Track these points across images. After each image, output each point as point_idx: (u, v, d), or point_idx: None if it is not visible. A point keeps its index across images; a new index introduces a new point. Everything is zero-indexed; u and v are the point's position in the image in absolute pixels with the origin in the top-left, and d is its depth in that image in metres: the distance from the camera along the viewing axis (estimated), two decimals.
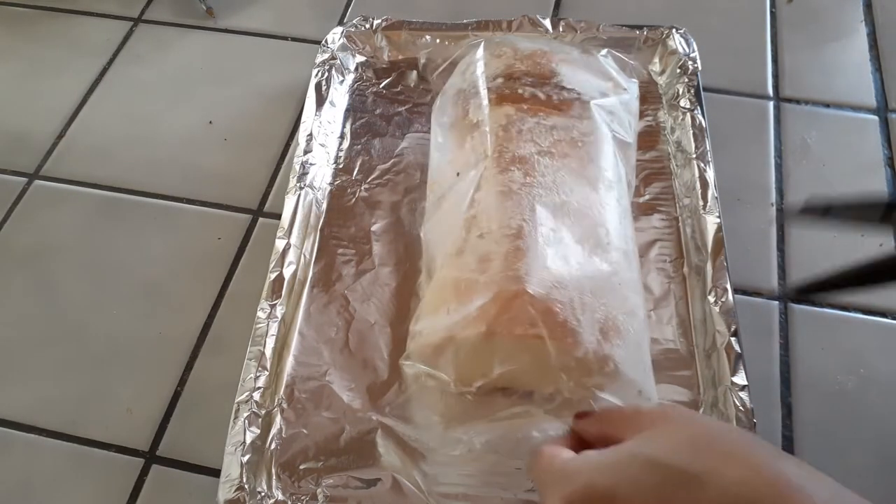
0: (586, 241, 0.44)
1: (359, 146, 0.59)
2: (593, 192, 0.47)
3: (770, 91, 0.63)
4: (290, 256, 0.52)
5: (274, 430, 0.46)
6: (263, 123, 0.63)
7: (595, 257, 0.44)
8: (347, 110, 0.61)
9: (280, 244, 0.52)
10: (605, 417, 0.37)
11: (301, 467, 0.45)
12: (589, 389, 0.40)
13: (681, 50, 0.61)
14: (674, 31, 0.62)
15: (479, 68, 0.53)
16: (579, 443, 0.37)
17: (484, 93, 0.51)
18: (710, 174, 0.54)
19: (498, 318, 0.41)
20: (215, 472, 0.44)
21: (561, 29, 0.62)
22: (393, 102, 0.62)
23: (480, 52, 0.54)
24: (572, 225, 0.45)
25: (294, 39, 0.69)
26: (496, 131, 0.49)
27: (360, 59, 0.64)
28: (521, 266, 0.42)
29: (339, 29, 0.64)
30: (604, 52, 0.57)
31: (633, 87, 0.55)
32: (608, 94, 0.53)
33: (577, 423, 0.38)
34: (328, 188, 0.57)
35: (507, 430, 0.41)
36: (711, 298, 0.48)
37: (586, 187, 0.47)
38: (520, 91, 0.51)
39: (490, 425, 0.42)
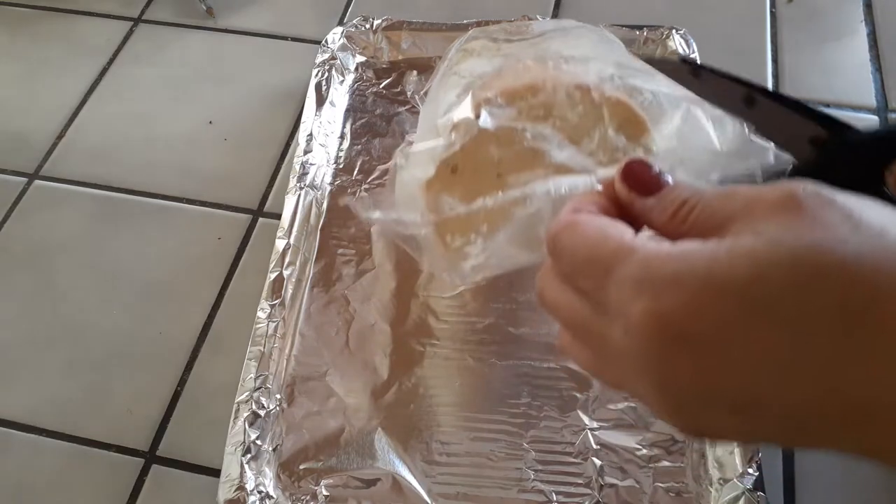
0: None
1: (359, 146, 0.59)
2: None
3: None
4: (290, 256, 0.52)
5: (274, 430, 0.46)
6: (263, 123, 0.63)
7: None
8: (347, 110, 0.61)
9: (280, 244, 0.52)
10: (686, 212, 0.23)
11: (301, 467, 0.45)
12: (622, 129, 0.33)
13: (681, 50, 0.61)
14: (674, 31, 0.62)
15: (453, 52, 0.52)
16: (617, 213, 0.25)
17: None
18: None
19: (484, 91, 0.39)
20: (215, 472, 0.44)
21: None
22: (393, 102, 0.62)
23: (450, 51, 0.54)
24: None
25: (294, 39, 0.69)
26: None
27: (360, 59, 0.64)
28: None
29: (339, 29, 0.64)
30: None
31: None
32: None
33: (639, 197, 0.24)
34: (328, 188, 0.57)
35: (518, 204, 0.30)
36: None
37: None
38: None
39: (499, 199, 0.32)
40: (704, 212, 0.22)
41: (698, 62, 0.34)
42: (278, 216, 0.54)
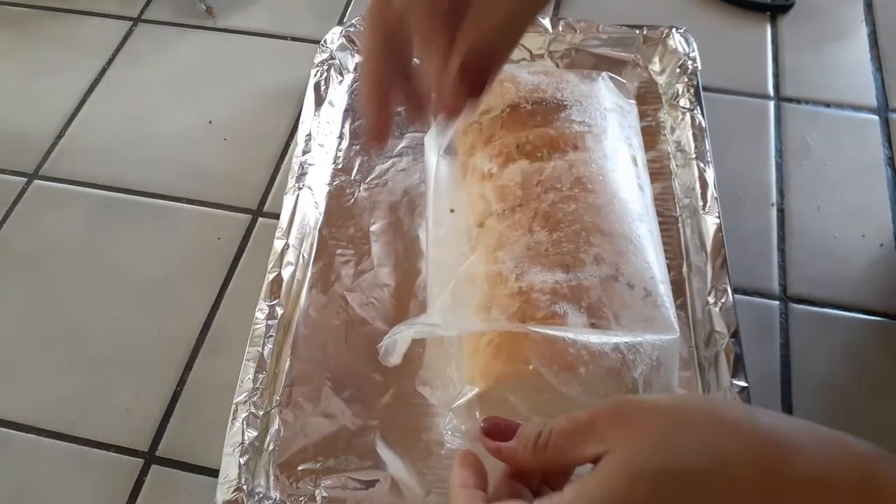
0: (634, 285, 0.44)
1: (357, 146, 0.59)
2: (624, 229, 0.46)
3: (770, 91, 0.63)
4: (289, 257, 0.52)
5: (272, 431, 0.46)
6: (263, 123, 0.63)
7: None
8: (346, 110, 0.61)
9: (279, 245, 0.52)
10: (543, 442, 0.30)
11: (299, 468, 0.45)
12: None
13: (680, 49, 0.61)
14: (673, 30, 0.62)
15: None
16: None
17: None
18: (710, 174, 0.54)
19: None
20: (214, 473, 0.44)
21: (560, 29, 0.62)
22: None
23: None
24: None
25: (293, 39, 0.69)
26: (513, 190, 0.47)
27: (358, 59, 0.64)
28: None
29: (338, 29, 0.64)
30: (603, 75, 0.56)
31: (632, 108, 0.56)
32: (615, 113, 0.52)
33: (503, 444, 0.32)
34: (327, 188, 0.57)
35: None
36: (711, 299, 0.48)
37: (616, 228, 0.46)
38: (529, 139, 0.49)
39: None
40: (560, 436, 0.29)
41: None
42: (278, 216, 0.54)
